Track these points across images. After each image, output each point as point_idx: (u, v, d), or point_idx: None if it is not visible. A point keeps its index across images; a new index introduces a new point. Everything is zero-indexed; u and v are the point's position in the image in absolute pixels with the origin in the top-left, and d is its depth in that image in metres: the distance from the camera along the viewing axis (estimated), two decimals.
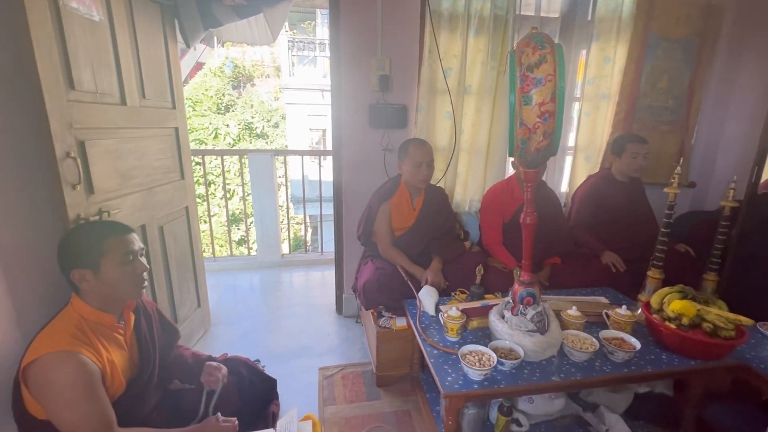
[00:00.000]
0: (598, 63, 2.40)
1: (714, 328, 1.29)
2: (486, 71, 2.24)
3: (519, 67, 1.04)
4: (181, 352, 1.34)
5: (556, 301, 1.63)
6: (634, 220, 2.24)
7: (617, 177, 2.23)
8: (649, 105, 2.51)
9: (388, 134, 2.25)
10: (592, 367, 1.28)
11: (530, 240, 1.32)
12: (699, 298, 1.40)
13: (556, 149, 1.14)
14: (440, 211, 2.03)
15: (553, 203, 2.15)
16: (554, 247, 2.07)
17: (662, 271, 1.61)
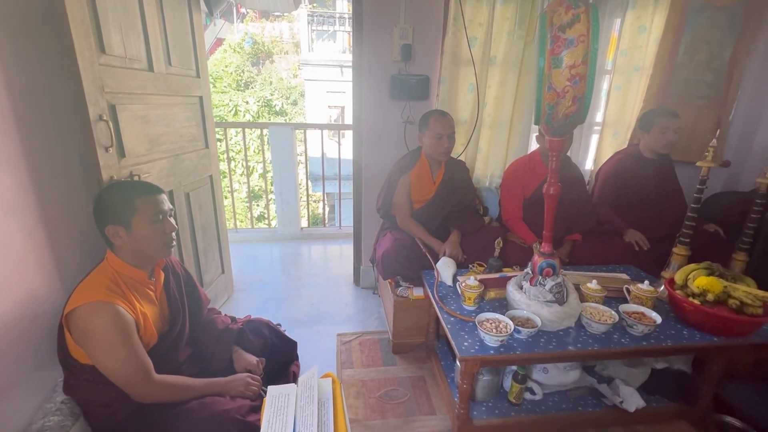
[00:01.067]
0: (632, 33, 2.27)
1: (741, 304, 1.26)
2: (512, 41, 2.16)
3: (550, 27, 1.01)
4: (213, 317, 1.40)
5: (576, 276, 1.62)
6: (661, 199, 2.17)
7: (645, 154, 2.15)
8: (685, 78, 2.38)
9: (409, 106, 2.22)
10: (610, 339, 1.28)
11: (552, 211, 1.30)
12: (727, 275, 1.37)
13: (585, 116, 1.11)
14: (460, 184, 2.02)
15: (577, 180, 2.09)
16: (576, 224, 2.04)
17: (688, 248, 1.57)
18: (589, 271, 1.78)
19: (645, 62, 2.31)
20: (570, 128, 1.13)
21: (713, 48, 2.33)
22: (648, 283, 1.43)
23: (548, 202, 1.29)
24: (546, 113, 1.09)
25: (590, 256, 1.99)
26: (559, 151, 1.22)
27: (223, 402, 1.09)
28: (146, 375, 1.03)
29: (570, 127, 1.13)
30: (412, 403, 1.56)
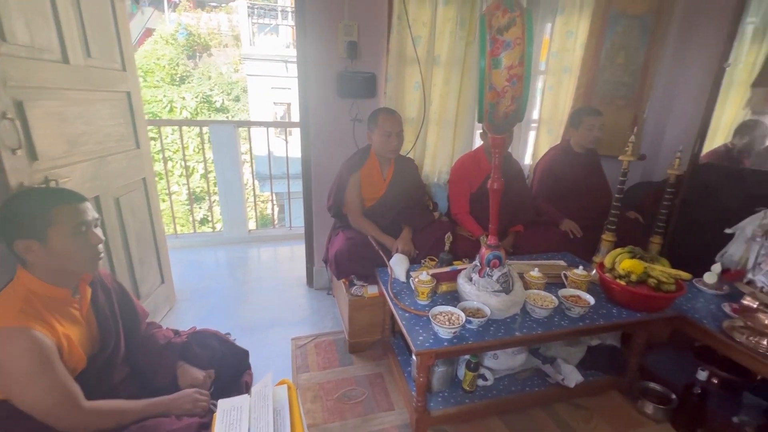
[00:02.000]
0: (561, 37, 2.45)
1: (658, 282, 1.41)
2: (455, 41, 2.23)
3: (489, 29, 1.05)
4: (153, 333, 1.29)
5: (520, 265, 1.71)
6: (590, 190, 2.37)
7: (575, 149, 2.33)
8: (607, 80, 2.62)
9: (357, 104, 2.21)
10: (552, 322, 1.38)
11: (497, 205, 1.36)
12: (646, 257, 1.53)
13: (523, 114, 1.17)
14: (410, 181, 2.05)
15: (518, 174, 2.22)
16: (518, 216, 2.16)
17: (614, 234, 1.73)
18: (531, 259, 1.89)
19: (573, 64, 2.51)
20: (510, 126, 1.20)
21: (629, 53, 2.58)
22: (582, 268, 1.56)
23: (492, 196, 1.35)
24: (488, 112, 1.14)
25: (531, 245, 2.12)
26: (501, 148, 1.28)
27: (167, 423, 1.01)
28: (73, 404, 0.93)
29: (510, 124, 1.19)
30: (370, 401, 1.56)
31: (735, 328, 1.38)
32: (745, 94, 2.19)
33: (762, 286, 1.47)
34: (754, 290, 1.44)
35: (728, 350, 1.34)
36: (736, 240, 1.73)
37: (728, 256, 1.75)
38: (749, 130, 2.12)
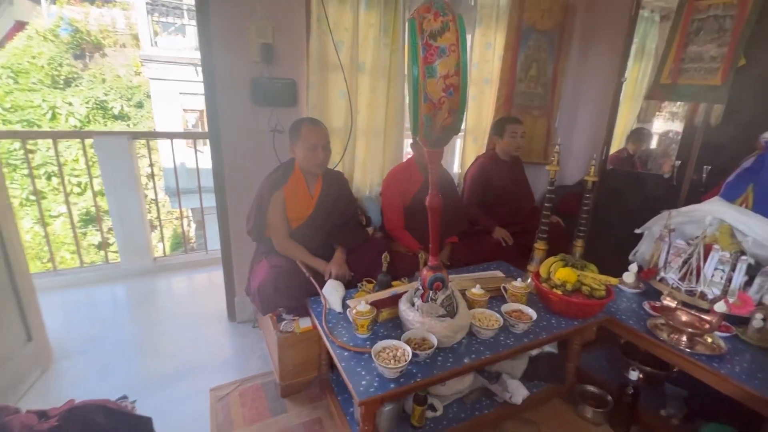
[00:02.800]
0: (481, 48, 2.50)
1: (591, 290, 1.44)
2: (379, 48, 2.13)
3: (421, 34, 0.94)
4: (5, 422, 0.95)
5: (460, 281, 1.65)
6: (516, 197, 2.44)
7: (501, 156, 2.39)
8: (523, 91, 2.74)
9: (276, 113, 1.99)
10: (498, 342, 1.32)
11: (436, 223, 1.27)
12: (576, 264, 1.56)
13: (460, 127, 1.09)
14: (340, 197, 1.89)
15: (449, 184, 2.19)
16: (451, 226, 2.13)
17: (546, 242, 1.76)
18: (469, 272, 1.85)
19: (493, 75, 2.58)
20: (447, 140, 1.11)
21: (541, 66, 2.74)
22: (520, 280, 1.54)
23: (431, 215, 1.25)
24: (424, 125, 1.03)
25: (467, 255, 2.10)
26: (437, 163, 1.19)
27: None
28: None
29: (447, 138, 1.10)
30: None
31: (657, 326, 1.45)
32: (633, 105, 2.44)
33: (673, 283, 1.59)
34: (672, 289, 1.54)
35: (653, 348, 1.41)
36: (645, 239, 1.88)
37: (640, 255, 1.88)
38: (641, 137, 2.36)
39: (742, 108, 1.75)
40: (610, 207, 2.39)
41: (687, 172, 1.97)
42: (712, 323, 1.29)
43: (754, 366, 1.24)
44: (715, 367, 1.24)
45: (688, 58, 1.89)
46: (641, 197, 2.21)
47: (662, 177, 2.10)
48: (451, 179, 2.27)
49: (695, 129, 1.92)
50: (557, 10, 2.64)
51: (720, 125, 1.82)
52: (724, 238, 1.54)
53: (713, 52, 1.78)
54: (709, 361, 1.26)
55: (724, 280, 1.45)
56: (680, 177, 2.01)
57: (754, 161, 1.56)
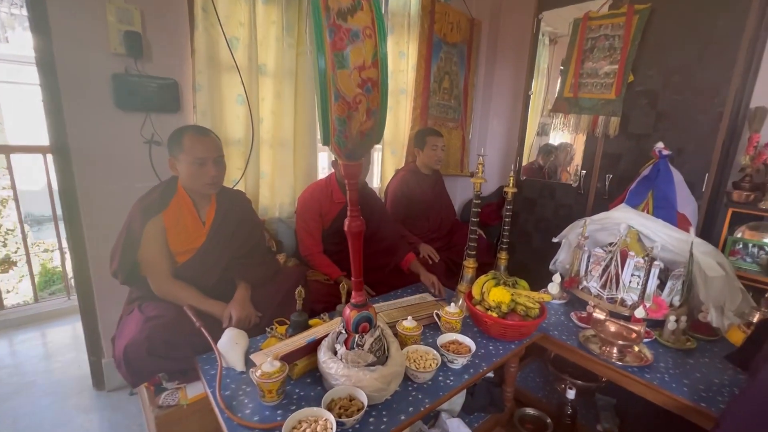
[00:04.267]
0: (394, 57, 2.40)
1: (526, 309, 1.35)
2: (283, 49, 1.87)
3: (326, 13, 0.72)
4: None
5: (388, 312, 1.45)
6: (439, 211, 2.36)
7: (422, 170, 2.29)
8: (438, 103, 2.71)
9: (152, 121, 1.59)
10: (437, 384, 1.13)
11: (359, 251, 1.04)
12: (508, 281, 1.47)
13: (382, 134, 0.89)
14: (242, 221, 1.55)
15: (377, 203, 2.01)
16: (398, 249, 1.92)
17: (476, 259, 1.66)
18: (396, 298, 1.66)
19: (408, 86, 2.49)
20: (367, 149, 0.90)
21: (453, 78, 2.74)
22: (453, 304, 1.39)
23: (352, 241, 1.02)
24: (336, 130, 0.81)
25: (394, 278, 1.91)
26: (356, 179, 0.97)
27: None
28: None
29: (366, 147, 0.89)
30: None
31: (588, 338, 1.42)
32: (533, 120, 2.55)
33: (595, 291, 1.60)
34: (594, 298, 1.54)
35: (586, 362, 1.36)
36: (563, 248, 1.90)
37: (560, 264, 1.90)
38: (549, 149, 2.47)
39: (634, 120, 1.88)
40: (528, 216, 2.44)
41: (592, 181, 2.08)
42: (639, 333, 1.28)
43: (679, 372, 1.25)
44: (647, 379, 1.21)
45: (585, 73, 1.99)
46: (553, 206, 2.29)
47: (571, 186, 2.19)
48: (377, 197, 2.08)
49: (596, 140, 2.03)
50: (464, 24, 2.68)
51: (617, 136, 1.94)
52: (634, 243, 1.60)
53: (606, 68, 1.90)
54: (640, 372, 1.24)
55: (640, 285, 1.48)
56: (586, 185, 2.10)
57: (651, 169, 1.67)
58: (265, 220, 1.98)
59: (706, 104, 1.67)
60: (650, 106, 1.83)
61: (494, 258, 2.02)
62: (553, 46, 2.40)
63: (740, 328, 1.38)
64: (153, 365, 1.18)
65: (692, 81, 1.70)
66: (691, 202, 1.63)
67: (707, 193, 1.71)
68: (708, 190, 1.71)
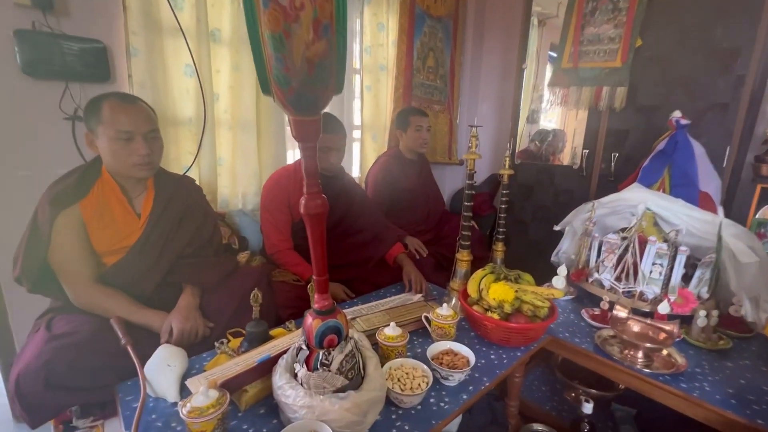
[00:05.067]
0: (372, 30, 2.15)
1: (534, 308, 1.11)
2: (238, 12, 1.60)
3: None
4: None
5: (367, 317, 1.19)
6: (426, 200, 2.12)
7: (406, 154, 2.05)
8: (422, 82, 2.47)
9: (75, 92, 1.30)
10: (429, 409, 0.88)
11: (321, 240, 0.79)
12: (509, 275, 1.24)
13: (342, 76, 0.64)
14: (188, 213, 1.28)
15: (357, 189, 1.75)
16: (385, 238, 1.68)
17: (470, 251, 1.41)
18: (379, 298, 1.41)
19: (388, 62, 2.24)
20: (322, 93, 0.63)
21: (438, 56, 2.50)
22: (446, 305, 1.14)
23: (312, 228, 0.77)
24: (272, 59, 0.55)
25: (376, 275, 1.66)
26: (312, 142, 0.71)
27: None
28: None
29: (320, 90, 0.62)
30: None
31: (606, 340, 1.20)
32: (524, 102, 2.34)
33: (608, 284, 1.38)
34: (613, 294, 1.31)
35: (605, 369, 1.14)
36: (567, 236, 1.68)
37: (563, 254, 1.68)
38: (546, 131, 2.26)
39: (643, 90, 1.67)
40: (524, 204, 2.22)
41: (595, 161, 1.87)
42: (672, 333, 1.06)
43: (719, 378, 1.03)
44: (684, 389, 0.99)
45: (586, 40, 1.78)
46: (553, 191, 2.07)
47: (571, 168, 1.98)
48: (357, 184, 1.82)
49: (600, 115, 1.82)
50: None
51: (624, 109, 1.73)
52: (650, 228, 1.39)
53: (611, 32, 1.69)
54: (674, 381, 1.02)
55: (662, 276, 1.26)
56: (589, 167, 1.89)
57: (667, 142, 1.45)
58: (225, 213, 1.70)
59: (727, 67, 1.47)
60: (661, 73, 1.62)
61: (488, 251, 1.80)
62: (541, 28, 2.19)
63: None
64: (56, 399, 0.90)
65: (710, 41, 1.50)
66: (714, 179, 1.43)
67: (728, 168, 1.51)
68: (730, 164, 1.51)
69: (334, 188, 1.58)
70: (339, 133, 1.51)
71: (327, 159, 1.50)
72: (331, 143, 1.48)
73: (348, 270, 1.62)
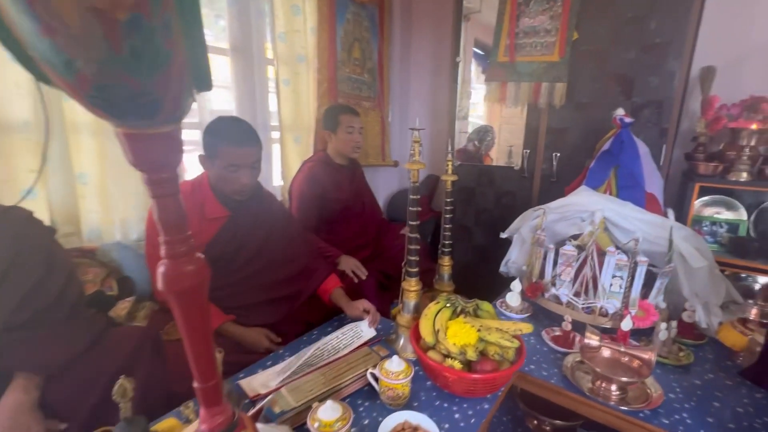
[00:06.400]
0: (286, 12, 1.82)
1: (501, 350, 0.92)
2: None
3: None
4: None
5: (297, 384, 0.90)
6: (361, 211, 1.86)
7: (336, 159, 1.77)
8: (349, 76, 2.20)
9: None
10: None
11: (202, 329, 0.49)
12: (467, 308, 1.04)
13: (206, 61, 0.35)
14: (17, 263, 0.87)
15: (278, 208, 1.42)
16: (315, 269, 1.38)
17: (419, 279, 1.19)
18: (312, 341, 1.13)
19: (308, 52, 1.93)
20: (161, 88, 0.34)
21: (364, 46, 2.25)
22: (397, 360, 0.90)
23: (182, 308, 0.46)
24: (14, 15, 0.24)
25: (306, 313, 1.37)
26: (168, 172, 0.41)
27: None
28: None
29: (159, 83, 0.33)
30: None
31: (574, 367, 1.06)
32: None
33: (566, 299, 1.26)
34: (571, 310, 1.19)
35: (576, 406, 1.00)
36: (515, 245, 1.55)
37: (513, 265, 1.55)
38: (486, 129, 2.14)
39: (581, 86, 1.60)
40: (465, 208, 2.08)
41: (537, 162, 1.77)
42: (650, 362, 0.94)
43: (696, 404, 0.94)
44: (667, 426, 0.88)
45: (522, 32, 1.66)
46: (494, 194, 1.95)
47: (513, 169, 1.87)
48: (277, 201, 1.48)
49: (539, 113, 1.72)
50: None
51: (564, 107, 1.65)
52: (602, 235, 1.29)
53: (547, 24, 1.59)
54: (654, 417, 0.90)
55: (623, 289, 1.16)
56: (531, 167, 1.79)
57: (612, 142, 1.38)
58: (95, 249, 1.27)
59: (660, 63, 1.44)
60: (598, 68, 1.56)
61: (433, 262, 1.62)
62: (466, 24, 2.05)
63: (734, 326, 1.14)
64: None
65: (644, 36, 1.46)
66: (657, 179, 1.39)
67: (666, 166, 1.50)
68: (667, 163, 1.49)
69: (248, 214, 1.25)
70: (253, 144, 1.17)
71: (237, 179, 1.16)
72: (242, 159, 1.14)
73: (272, 309, 1.31)
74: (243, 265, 1.28)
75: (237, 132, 1.15)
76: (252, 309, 1.30)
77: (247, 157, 1.16)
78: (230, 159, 1.13)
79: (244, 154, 1.15)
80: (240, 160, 1.14)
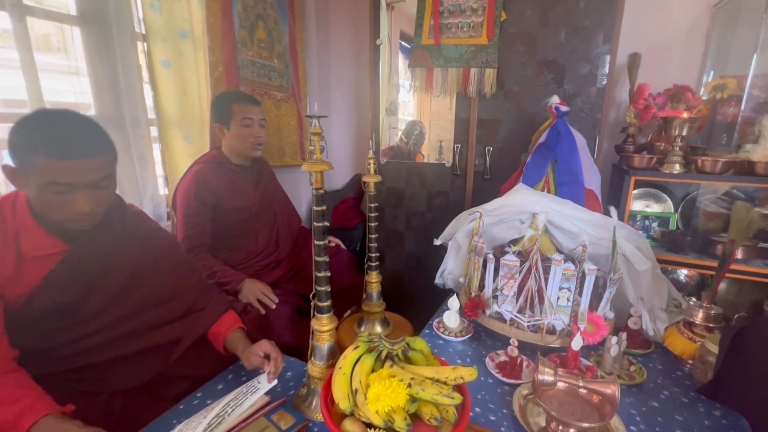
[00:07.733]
0: None
1: (439, 410, 0.69)
2: None
3: None
4: None
5: None
6: (272, 220, 1.55)
7: (233, 159, 1.43)
8: (252, 61, 1.85)
9: None
10: None
11: None
12: (393, 350, 0.79)
13: None
14: None
15: (149, 235, 1.03)
16: (208, 313, 1.03)
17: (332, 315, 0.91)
18: (191, 412, 0.81)
19: (194, 28, 1.55)
20: None
21: (271, 27, 1.92)
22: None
23: None
24: None
25: (192, 365, 1.03)
26: None
27: None
28: None
29: None
30: None
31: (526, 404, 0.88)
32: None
33: (510, 317, 1.08)
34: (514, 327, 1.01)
35: None
36: (451, 252, 1.36)
37: (449, 276, 1.36)
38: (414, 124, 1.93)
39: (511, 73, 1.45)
40: (395, 211, 1.85)
41: (469, 158, 1.60)
42: (613, 398, 0.77)
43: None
44: None
45: (447, 11, 1.47)
46: (426, 194, 1.76)
47: (444, 166, 1.69)
48: (141, 218, 1.09)
49: (469, 102, 1.55)
50: None
51: (494, 95, 1.49)
52: (544, 239, 1.14)
53: (473, 2, 1.41)
54: None
55: (570, 302, 1.01)
56: (462, 164, 1.62)
57: (548, 133, 1.23)
58: None
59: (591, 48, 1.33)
60: (528, 52, 1.42)
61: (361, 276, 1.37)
62: (390, 12, 1.84)
63: (681, 332, 1.05)
64: None
65: (573, 18, 1.34)
66: (595, 173, 1.28)
67: (599, 159, 1.40)
68: (600, 155, 1.40)
69: (99, 245, 0.88)
70: (92, 154, 0.78)
71: (68, 205, 0.77)
72: (73, 176, 0.75)
73: (141, 365, 0.95)
74: (96, 313, 0.91)
75: (63, 135, 0.76)
76: (111, 367, 0.94)
77: (83, 174, 0.76)
78: (53, 176, 0.74)
79: (77, 169, 0.75)
80: (70, 178, 0.75)
